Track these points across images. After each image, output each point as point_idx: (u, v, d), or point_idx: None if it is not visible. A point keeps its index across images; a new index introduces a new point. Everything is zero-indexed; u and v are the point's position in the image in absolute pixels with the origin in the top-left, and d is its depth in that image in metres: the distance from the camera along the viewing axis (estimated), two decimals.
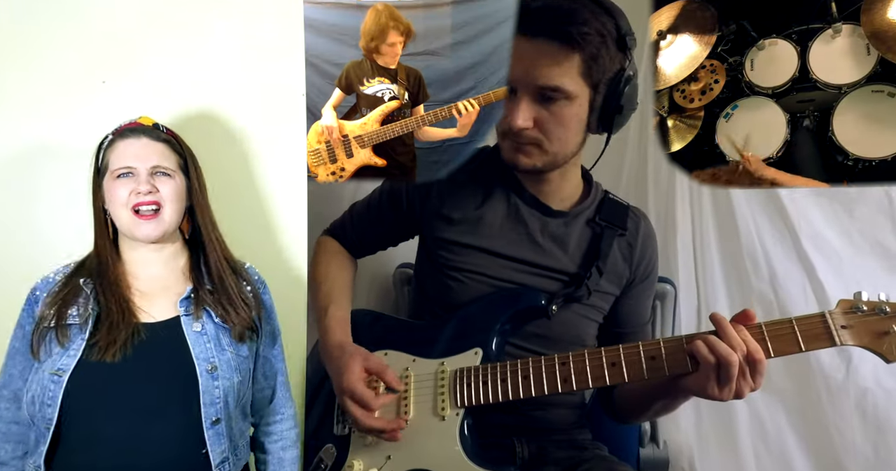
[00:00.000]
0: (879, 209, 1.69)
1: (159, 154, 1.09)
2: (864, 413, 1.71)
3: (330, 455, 1.16)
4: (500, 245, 1.20)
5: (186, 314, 1.08)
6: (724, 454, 1.85)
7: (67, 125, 1.27)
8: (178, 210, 1.10)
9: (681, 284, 1.83)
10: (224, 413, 1.05)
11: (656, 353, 1.01)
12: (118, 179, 1.06)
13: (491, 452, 1.12)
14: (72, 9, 1.27)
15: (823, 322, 0.96)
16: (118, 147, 1.09)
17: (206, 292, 1.10)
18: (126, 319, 1.06)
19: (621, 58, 1.08)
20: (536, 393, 1.05)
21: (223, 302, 1.10)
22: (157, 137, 1.10)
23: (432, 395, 1.11)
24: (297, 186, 1.35)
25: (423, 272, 1.30)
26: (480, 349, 1.12)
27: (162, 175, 1.08)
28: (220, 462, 1.05)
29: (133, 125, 1.11)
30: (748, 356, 0.94)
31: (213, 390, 1.04)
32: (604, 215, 1.22)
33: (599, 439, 1.28)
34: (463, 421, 1.08)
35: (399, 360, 1.17)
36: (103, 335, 1.03)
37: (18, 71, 1.26)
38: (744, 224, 1.82)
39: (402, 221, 1.30)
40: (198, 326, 1.08)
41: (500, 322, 1.14)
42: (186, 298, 1.09)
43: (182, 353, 1.06)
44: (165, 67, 1.29)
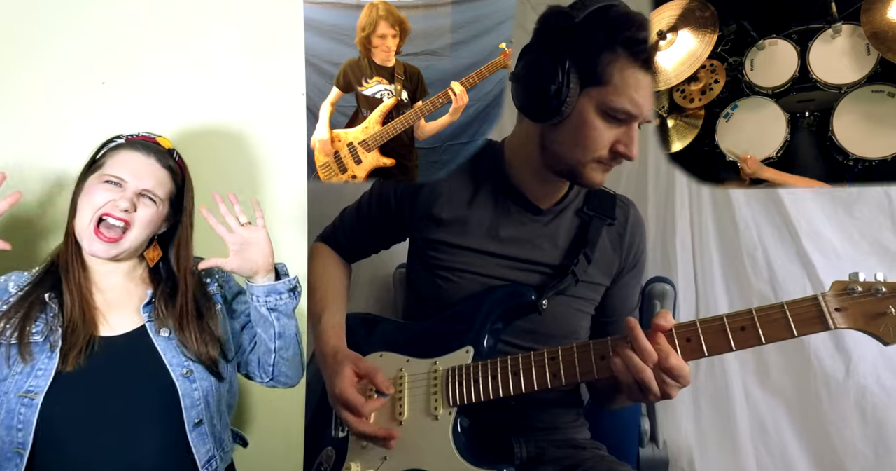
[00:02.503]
0: (879, 209, 1.69)
1: (157, 179, 1.06)
2: (864, 412, 1.71)
3: (329, 458, 1.17)
4: (489, 243, 1.20)
5: (150, 320, 1.06)
6: (723, 454, 1.85)
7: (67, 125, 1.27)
8: (143, 236, 1.06)
9: (679, 283, 1.83)
10: (206, 414, 1.05)
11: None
12: (104, 183, 1.03)
13: (488, 451, 1.11)
14: (72, 9, 1.27)
15: (816, 305, 0.92)
16: (121, 154, 1.06)
17: (167, 297, 1.08)
18: (85, 325, 1.02)
19: None
20: (527, 389, 1.05)
21: (188, 329, 1.07)
22: (165, 162, 1.07)
23: (425, 395, 1.12)
24: (297, 186, 1.35)
25: (414, 273, 1.30)
26: (472, 347, 1.12)
27: (147, 199, 1.05)
28: (206, 461, 1.05)
29: (149, 140, 1.09)
30: (660, 364, 0.93)
31: (192, 393, 1.03)
32: (592, 205, 1.23)
33: (598, 439, 1.28)
34: (456, 420, 1.09)
35: (393, 361, 1.18)
36: (71, 350, 0.98)
37: (19, 71, 1.26)
38: (743, 224, 1.82)
39: (392, 224, 1.30)
40: (165, 332, 1.06)
41: (490, 320, 1.15)
42: (148, 303, 1.07)
43: (154, 361, 1.04)
44: (165, 68, 1.29)
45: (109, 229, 1.03)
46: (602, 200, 1.24)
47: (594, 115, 1.06)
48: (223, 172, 1.31)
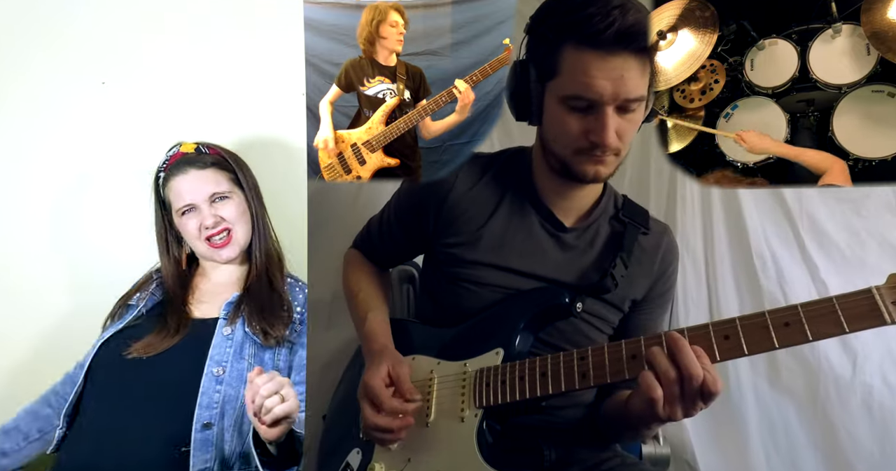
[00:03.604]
0: (887, 208, 1.69)
1: (210, 182, 1.18)
2: (871, 410, 1.71)
3: (356, 460, 1.16)
4: (513, 261, 1.18)
5: (224, 318, 1.15)
6: (728, 451, 1.85)
7: (67, 125, 1.27)
8: (246, 226, 1.20)
9: (689, 285, 1.83)
10: (218, 421, 1.06)
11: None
12: (184, 216, 1.17)
13: (515, 456, 1.10)
14: (72, 9, 1.27)
15: (870, 299, 0.86)
16: (173, 186, 1.17)
17: (251, 302, 1.16)
18: (182, 322, 1.14)
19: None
20: (554, 390, 1.02)
21: (261, 313, 1.15)
22: (202, 164, 1.18)
23: (453, 396, 1.11)
24: (298, 186, 1.35)
25: (431, 280, 1.28)
26: (502, 349, 1.11)
27: (220, 199, 1.17)
28: (200, 470, 1.05)
29: (178, 157, 1.17)
30: (703, 387, 0.88)
31: (212, 394, 1.05)
32: (626, 212, 1.21)
33: None
34: (482, 422, 1.07)
35: (425, 364, 1.17)
36: (160, 337, 1.11)
37: (18, 71, 1.26)
38: (752, 224, 1.81)
39: (413, 240, 1.28)
40: (228, 330, 1.12)
41: (522, 322, 1.13)
42: (230, 303, 1.16)
43: (203, 352, 1.10)
44: (165, 68, 1.29)
45: (218, 239, 1.19)
46: (636, 210, 1.23)
47: (559, 108, 1.05)
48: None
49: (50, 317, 1.37)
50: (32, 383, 1.18)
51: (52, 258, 1.23)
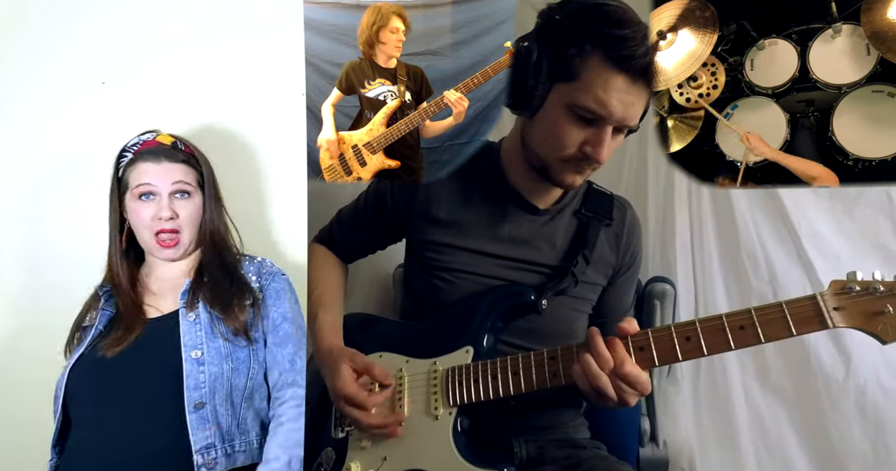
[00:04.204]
0: (880, 210, 1.69)
1: (179, 174, 1.17)
2: (864, 412, 1.71)
3: (329, 459, 1.17)
4: (487, 244, 1.20)
5: (184, 306, 1.16)
6: (724, 454, 1.85)
7: (67, 125, 1.27)
8: (195, 230, 1.20)
9: (679, 283, 1.83)
10: (210, 399, 1.08)
11: (645, 343, 1.00)
12: (140, 200, 1.16)
13: (489, 451, 1.12)
14: (72, 9, 1.27)
15: (814, 304, 0.93)
16: (139, 167, 1.16)
17: (203, 285, 1.18)
18: (138, 320, 1.15)
19: None
20: (526, 389, 1.05)
21: (217, 297, 1.15)
22: (175, 157, 1.18)
23: (425, 395, 1.12)
24: (297, 186, 1.35)
25: (411, 274, 1.31)
26: (471, 347, 1.13)
27: (181, 195, 1.17)
28: (203, 447, 1.06)
29: (152, 145, 1.17)
30: (615, 370, 0.95)
31: (197, 375, 1.08)
32: (589, 206, 1.23)
33: (598, 438, 1.28)
34: (456, 420, 1.09)
35: (393, 361, 1.18)
36: (117, 336, 1.11)
37: (18, 71, 1.26)
38: (743, 224, 1.82)
39: (389, 225, 1.30)
40: (192, 316, 1.14)
41: (489, 319, 1.15)
42: (185, 291, 1.17)
43: (174, 341, 1.11)
44: (165, 68, 1.29)
45: (167, 237, 1.18)
46: (599, 201, 1.24)
47: (561, 112, 1.05)
48: (223, 171, 1.31)
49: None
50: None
51: (52, 258, 1.22)
